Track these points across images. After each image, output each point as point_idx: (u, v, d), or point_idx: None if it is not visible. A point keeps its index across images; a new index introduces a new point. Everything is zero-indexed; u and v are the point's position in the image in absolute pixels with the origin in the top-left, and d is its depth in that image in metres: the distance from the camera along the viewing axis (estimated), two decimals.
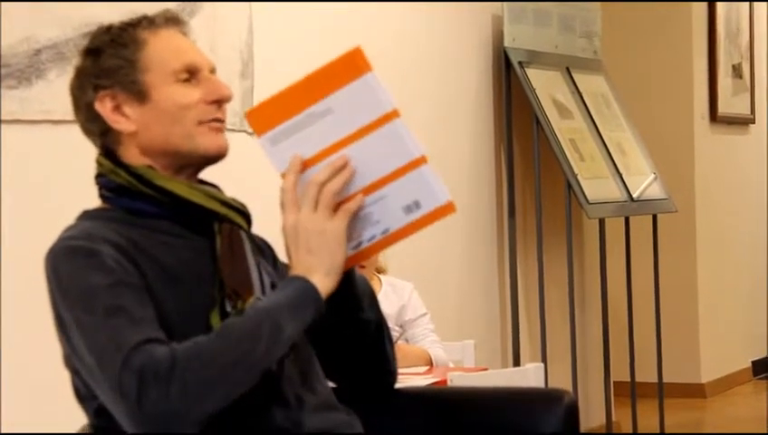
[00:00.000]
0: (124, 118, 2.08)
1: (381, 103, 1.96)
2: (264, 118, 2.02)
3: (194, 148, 2.09)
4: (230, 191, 2.18)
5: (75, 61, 2.13)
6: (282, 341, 1.94)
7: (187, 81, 2.09)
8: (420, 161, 1.96)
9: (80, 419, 2.06)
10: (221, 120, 2.11)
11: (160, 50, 2.09)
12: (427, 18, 4.98)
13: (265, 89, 4.03)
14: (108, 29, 2.11)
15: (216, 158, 2.11)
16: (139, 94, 2.07)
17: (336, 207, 1.98)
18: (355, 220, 1.99)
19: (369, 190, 1.99)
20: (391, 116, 1.96)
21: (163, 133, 2.08)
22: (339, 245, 1.97)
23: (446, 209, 1.97)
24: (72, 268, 1.95)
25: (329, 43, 4.37)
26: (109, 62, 2.07)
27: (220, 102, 2.11)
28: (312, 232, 1.97)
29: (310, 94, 1.98)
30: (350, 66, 1.96)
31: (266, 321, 1.93)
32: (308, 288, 1.97)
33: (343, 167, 1.98)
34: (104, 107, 2.08)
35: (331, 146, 1.99)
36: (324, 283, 1.98)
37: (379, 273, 4.00)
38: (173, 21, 2.14)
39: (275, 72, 4.07)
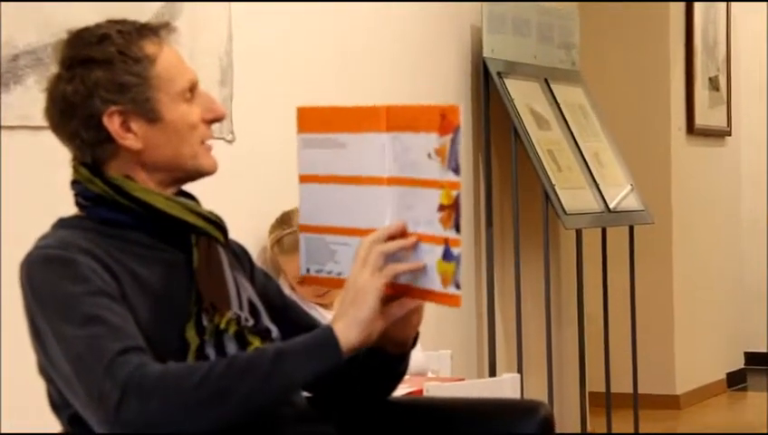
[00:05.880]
0: (132, 135, 2.05)
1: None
2: (310, 120, 2.06)
3: (196, 167, 2.10)
4: (205, 199, 2.18)
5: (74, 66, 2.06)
6: (283, 383, 1.92)
7: (189, 99, 2.09)
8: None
9: None
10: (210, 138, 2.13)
11: (168, 67, 2.07)
12: (405, 27, 4.98)
13: (245, 97, 4.04)
14: (106, 36, 2.05)
15: (209, 175, 2.12)
16: (151, 113, 2.04)
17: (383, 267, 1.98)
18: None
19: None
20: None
21: (170, 152, 2.07)
22: (364, 300, 1.96)
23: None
24: (48, 278, 1.95)
25: (309, 52, 4.37)
26: (123, 78, 2.03)
27: (216, 121, 2.12)
28: (352, 284, 1.99)
29: (372, 122, 2.00)
30: (442, 119, 1.94)
31: (270, 360, 1.91)
32: (326, 335, 1.95)
33: (401, 235, 1.99)
34: (112, 122, 2.04)
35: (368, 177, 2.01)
36: (346, 333, 1.95)
37: None
38: (172, 31, 2.11)
39: (255, 80, 4.07)
